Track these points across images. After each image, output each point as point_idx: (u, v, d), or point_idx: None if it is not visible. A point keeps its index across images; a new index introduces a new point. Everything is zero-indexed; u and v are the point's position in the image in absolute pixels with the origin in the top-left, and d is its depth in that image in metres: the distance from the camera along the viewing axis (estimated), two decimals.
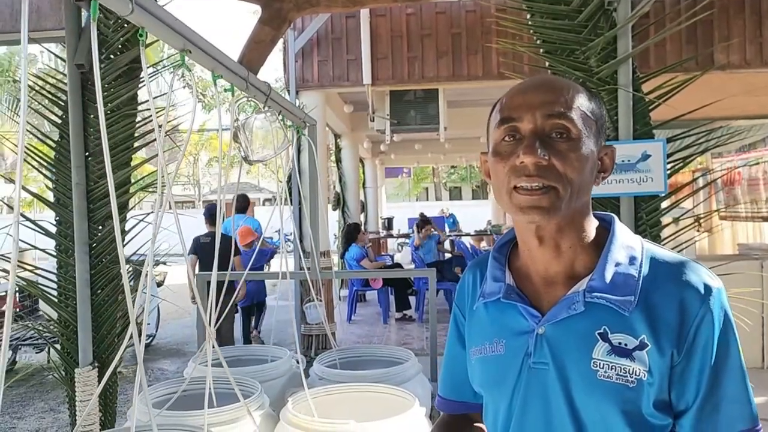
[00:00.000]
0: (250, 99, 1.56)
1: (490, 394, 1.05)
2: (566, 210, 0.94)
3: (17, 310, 6.06)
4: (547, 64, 3.24)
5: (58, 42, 4.72)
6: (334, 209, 10.26)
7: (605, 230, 1.02)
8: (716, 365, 0.90)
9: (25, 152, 3.51)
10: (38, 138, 3.40)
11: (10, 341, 5.70)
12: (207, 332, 1.67)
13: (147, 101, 3.80)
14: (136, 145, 3.39)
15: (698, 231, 5.49)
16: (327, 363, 2.20)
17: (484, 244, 14.13)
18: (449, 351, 1.19)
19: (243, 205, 7.15)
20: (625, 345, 0.91)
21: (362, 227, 9.26)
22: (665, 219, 3.13)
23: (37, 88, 3.34)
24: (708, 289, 0.92)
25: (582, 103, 0.96)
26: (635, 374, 0.90)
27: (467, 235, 15.11)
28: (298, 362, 2.17)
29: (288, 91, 6.43)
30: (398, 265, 10.21)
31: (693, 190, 4.40)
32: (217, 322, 1.72)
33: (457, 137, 10.83)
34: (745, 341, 0.95)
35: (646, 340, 0.90)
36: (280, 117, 1.74)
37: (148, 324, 6.13)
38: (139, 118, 3.37)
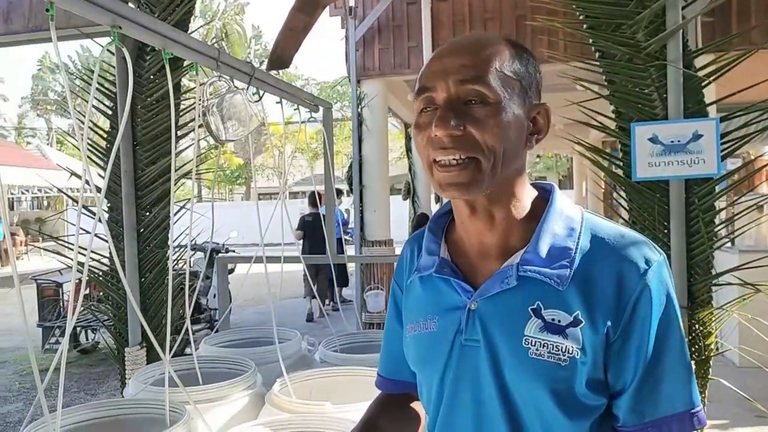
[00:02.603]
0: (222, 79, 1.56)
1: (423, 373, 1.01)
2: (491, 181, 0.88)
3: (99, 293, 6.45)
4: (590, 41, 3.07)
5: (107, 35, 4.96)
6: (405, 199, 10.23)
7: (544, 201, 0.96)
8: (656, 343, 0.86)
9: (74, 145, 3.72)
10: (90, 128, 3.58)
11: (78, 323, 6.08)
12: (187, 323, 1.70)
13: (190, 90, 3.93)
14: (180, 133, 3.50)
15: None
16: (330, 347, 2.20)
17: None
18: (387, 328, 1.15)
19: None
20: (559, 321, 0.86)
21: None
22: (720, 203, 2.89)
23: (88, 80, 3.52)
24: (648, 262, 0.87)
25: (501, 62, 0.89)
26: (568, 352, 0.85)
27: None
28: (311, 345, 2.17)
29: (349, 80, 6.45)
30: None
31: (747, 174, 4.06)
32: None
33: None
34: None
35: (580, 316, 0.86)
36: (253, 96, 1.74)
37: (215, 309, 6.36)
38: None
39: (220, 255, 5.32)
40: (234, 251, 8.15)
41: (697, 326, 2.75)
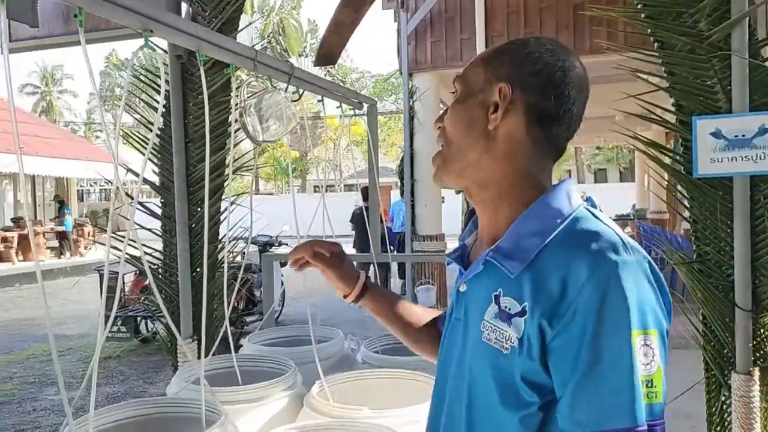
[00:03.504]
0: (260, 79, 1.54)
1: (444, 336, 1.09)
2: (456, 165, 0.98)
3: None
4: (649, 31, 2.93)
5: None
6: (458, 192, 10.11)
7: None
8: (595, 349, 0.81)
9: (136, 140, 3.82)
10: (144, 125, 3.66)
11: (138, 312, 6.27)
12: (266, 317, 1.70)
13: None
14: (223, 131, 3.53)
15: None
16: (372, 348, 2.17)
17: (627, 230, 13.27)
18: None
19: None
20: (509, 309, 0.89)
21: None
22: None
23: (143, 78, 3.60)
24: (602, 260, 0.83)
25: (479, 60, 1.00)
26: (510, 341, 0.88)
27: None
28: (354, 345, 2.15)
29: (401, 73, 6.41)
30: None
31: None
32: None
33: (589, 116, 10.16)
34: None
35: (527, 307, 0.87)
36: (293, 95, 1.71)
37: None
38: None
39: (266, 253, 5.39)
40: (287, 244, 8.26)
41: (762, 331, 2.60)
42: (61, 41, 3.84)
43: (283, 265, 8.06)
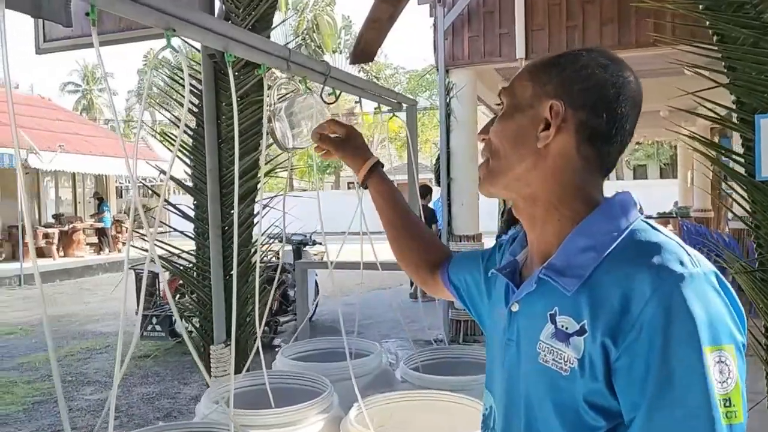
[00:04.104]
0: (292, 80, 1.44)
1: (488, 356, 1.07)
2: (502, 179, 0.96)
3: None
4: (707, 23, 2.74)
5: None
6: None
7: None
8: (664, 369, 0.76)
9: (167, 140, 3.76)
10: (176, 125, 3.60)
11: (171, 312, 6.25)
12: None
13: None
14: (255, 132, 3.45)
15: None
16: (412, 365, 2.04)
17: (669, 228, 12.87)
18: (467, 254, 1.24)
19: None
20: (566, 328, 0.85)
21: None
22: None
23: (176, 78, 3.53)
24: (666, 273, 0.78)
25: (526, 73, 0.97)
26: (569, 362, 0.84)
27: (649, 218, 13.85)
28: (394, 359, 2.03)
29: (437, 69, 6.25)
30: None
31: None
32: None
33: None
34: None
35: (586, 325, 0.83)
36: (329, 97, 1.59)
37: None
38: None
39: (299, 261, 5.30)
40: (321, 243, 8.18)
41: None
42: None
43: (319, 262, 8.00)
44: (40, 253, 15.42)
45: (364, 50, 4.24)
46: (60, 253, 15.86)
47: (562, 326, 0.86)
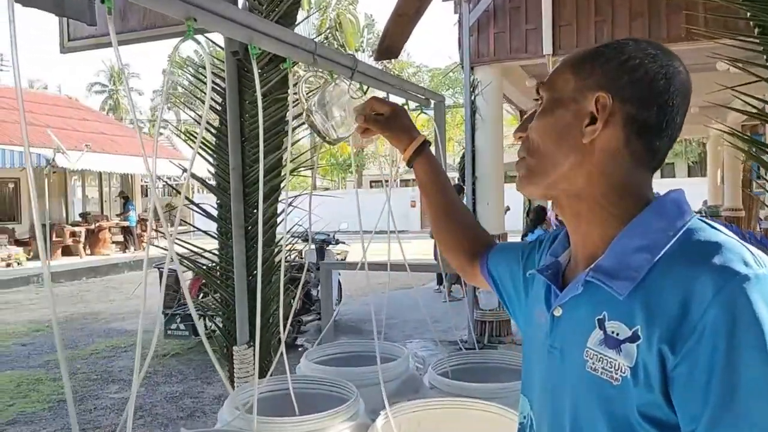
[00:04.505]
0: (318, 75, 1.37)
1: (524, 359, 1.02)
2: (544, 178, 0.90)
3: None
4: (748, 14, 2.63)
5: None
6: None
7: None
8: (728, 378, 0.70)
9: (191, 139, 3.73)
10: (200, 123, 3.57)
11: (197, 311, 6.24)
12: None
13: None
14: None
15: None
16: (440, 370, 1.97)
17: None
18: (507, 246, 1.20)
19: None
20: (617, 335, 0.80)
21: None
22: None
23: (200, 76, 3.50)
24: (729, 274, 0.72)
25: (567, 65, 0.91)
26: (620, 370, 0.78)
27: None
28: (421, 364, 1.96)
29: (462, 67, 6.16)
30: None
31: None
32: None
33: None
34: None
35: (639, 331, 0.77)
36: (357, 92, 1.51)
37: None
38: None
39: (324, 262, 5.24)
40: (344, 242, 8.14)
41: None
42: (120, 39, 3.78)
43: (342, 261, 7.96)
44: (68, 251, 15.64)
45: (390, 46, 4.16)
46: (87, 251, 16.07)
47: (613, 332, 0.80)
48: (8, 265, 13.79)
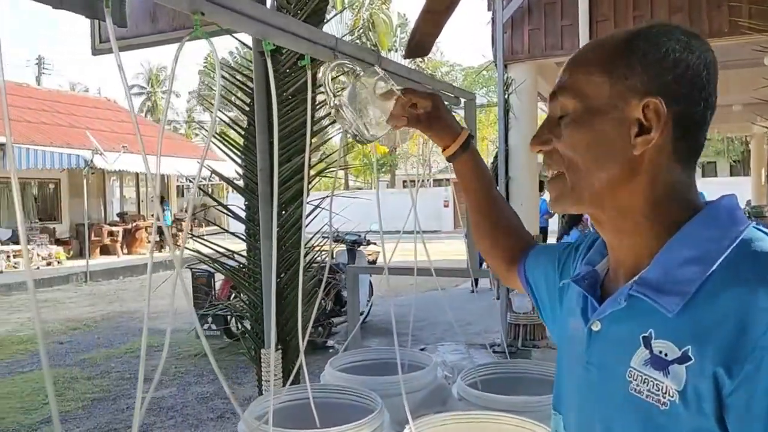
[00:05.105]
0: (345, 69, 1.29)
1: (558, 374, 0.96)
2: (584, 195, 0.82)
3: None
4: None
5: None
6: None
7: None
8: None
9: (219, 139, 3.71)
10: (228, 124, 3.54)
11: (226, 312, 6.27)
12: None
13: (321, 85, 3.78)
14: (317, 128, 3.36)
15: None
16: (470, 381, 1.88)
17: None
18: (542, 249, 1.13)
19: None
20: (665, 355, 0.73)
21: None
22: None
23: (228, 77, 3.48)
24: None
25: (594, 65, 0.81)
26: (668, 394, 0.71)
27: None
28: (450, 373, 1.89)
29: (495, 65, 6.04)
30: None
31: None
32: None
33: None
34: None
35: (690, 352, 0.70)
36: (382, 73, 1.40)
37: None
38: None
39: (351, 266, 5.19)
40: (375, 243, 8.09)
41: None
42: (149, 41, 3.79)
43: (372, 263, 7.91)
44: (105, 250, 15.95)
45: (420, 44, 4.07)
46: (124, 250, 16.37)
47: (660, 352, 0.73)
48: (49, 263, 14.13)
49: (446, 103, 2.73)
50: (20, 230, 0.97)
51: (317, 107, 3.34)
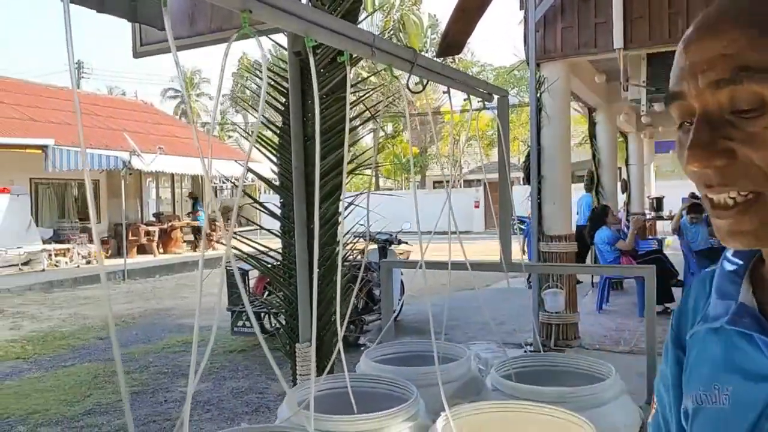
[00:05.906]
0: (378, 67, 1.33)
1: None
2: None
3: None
4: None
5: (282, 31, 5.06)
6: (588, 190, 9.50)
7: None
8: None
9: (259, 142, 3.79)
10: (264, 124, 3.62)
11: (261, 308, 6.37)
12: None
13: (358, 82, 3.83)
14: (353, 125, 3.41)
15: None
16: (504, 372, 1.90)
17: None
18: (659, 402, 0.81)
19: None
20: None
21: (611, 209, 8.45)
22: None
23: (266, 77, 3.56)
24: None
25: None
26: None
27: None
28: (484, 366, 1.92)
29: (527, 64, 6.03)
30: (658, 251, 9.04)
31: None
32: None
33: None
34: None
35: None
36: (417, 86, 1.47)
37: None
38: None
39: (384, 260, 5.23)
40: (406, 242, 8.12)
41: None
42: (187, 43, 3.90)
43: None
44: (142, 249, 16.30)
45: (452, 43, 4.09)
46: (160, 249, 16.70)
47: None
48: (88, 262, 14.50)
49: (479, 100, 2.76)
50: (93, 230, 1.02)
51: (351, 106, 3.40)
